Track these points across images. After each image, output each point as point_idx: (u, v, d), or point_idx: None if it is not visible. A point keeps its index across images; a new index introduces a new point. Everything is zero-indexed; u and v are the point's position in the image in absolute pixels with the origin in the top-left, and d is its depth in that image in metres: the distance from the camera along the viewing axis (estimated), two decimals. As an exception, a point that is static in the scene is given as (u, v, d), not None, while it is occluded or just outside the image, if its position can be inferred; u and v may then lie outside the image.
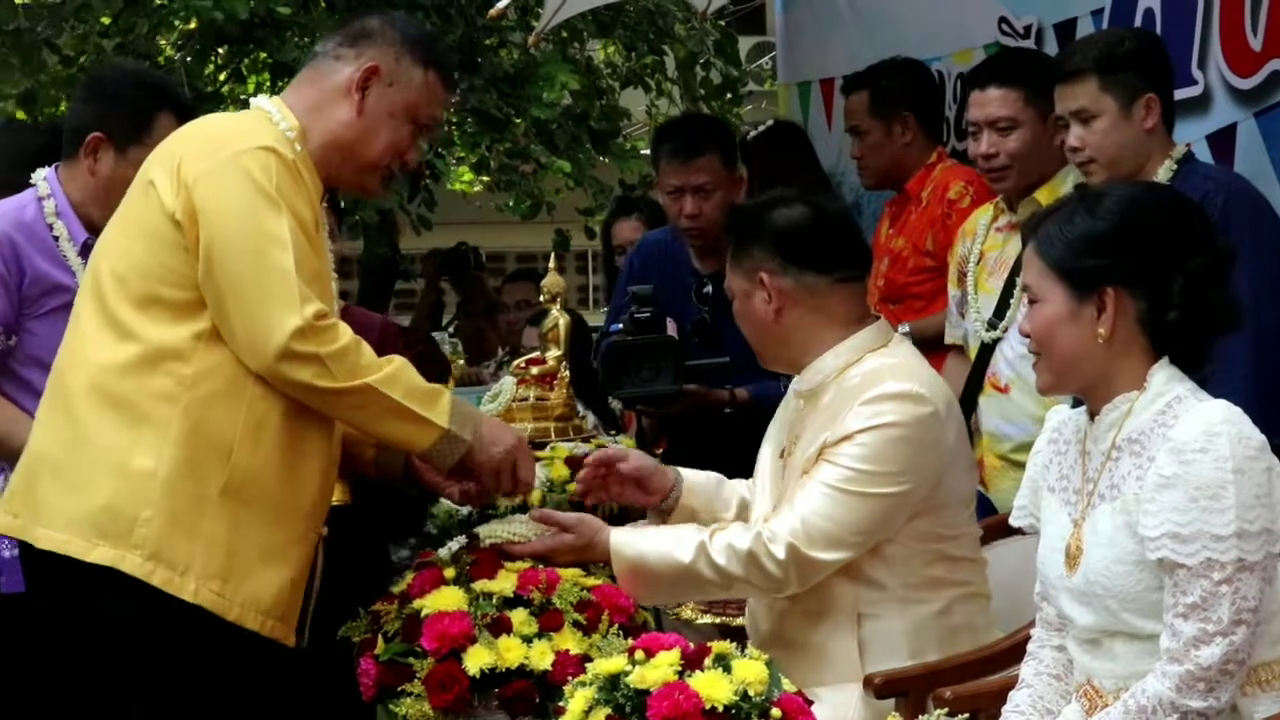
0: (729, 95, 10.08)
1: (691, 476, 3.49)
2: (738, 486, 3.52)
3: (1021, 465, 3.89)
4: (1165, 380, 2.63)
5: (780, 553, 3.11)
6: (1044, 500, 2.80)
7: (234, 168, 2.89)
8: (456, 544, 3.18)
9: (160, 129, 3.56)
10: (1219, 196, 3.59)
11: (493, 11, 6.87)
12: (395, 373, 2.95)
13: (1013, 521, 2.93)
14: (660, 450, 4.70)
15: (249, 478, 2.91)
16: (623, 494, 3.45)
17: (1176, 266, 2.62)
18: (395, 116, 3.11)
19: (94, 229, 3.55)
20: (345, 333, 2.91)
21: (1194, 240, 2.67)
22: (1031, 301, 2.71)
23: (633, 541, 3.17)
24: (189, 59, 8.58)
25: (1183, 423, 2.56)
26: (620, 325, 4.55)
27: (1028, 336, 2.72)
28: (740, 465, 3.57)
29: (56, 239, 3.68)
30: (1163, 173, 3.66)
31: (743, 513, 3.47)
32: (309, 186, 3.00)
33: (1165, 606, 2.54)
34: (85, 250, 3.61)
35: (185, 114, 3.59)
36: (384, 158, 3.13)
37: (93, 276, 3.01)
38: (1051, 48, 4.90)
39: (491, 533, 3.21)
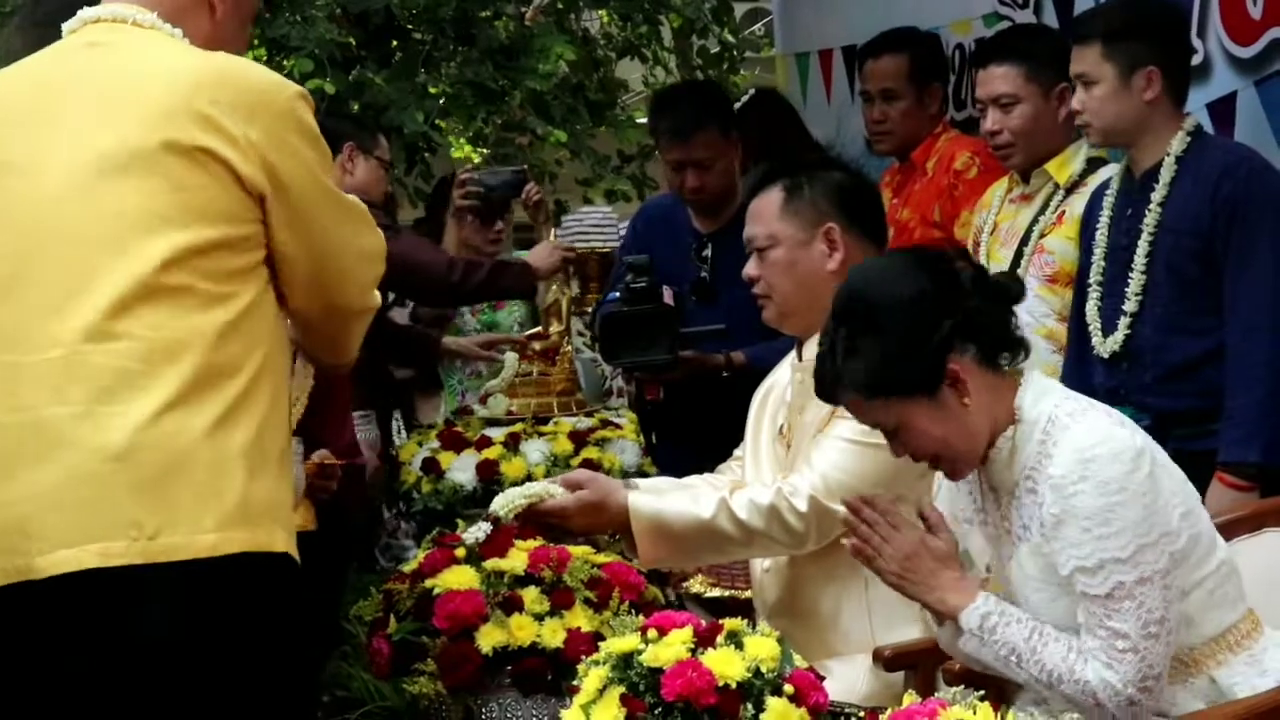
0: (726, 64, 10.07)
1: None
2: (702, 486, 3.49)
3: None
4: (1033, 403, 2.64)
5: (802, 506, 3.15)
6: (961, 530, 2.80)
7: (295, 126, 2.64)
8: (481, 531, 3.17)
9: None
10: (1242, 169, 3.62)
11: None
12: None
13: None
14: (651, 398, 4.72)
15: None
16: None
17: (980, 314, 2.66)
18: (244, 24, 2.85)
19: None
20: None
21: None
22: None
23: (651, 500, 3.19)
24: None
25: (1058, 454, 2.57)
26: (617, 294, 4.58)
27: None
28: (735, 424, 3.60)
29: None
30: (1176, 144, 3.67)
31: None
32: None
33: (1083, 625, 2.58)
34: None
35: None
36: None
37: (126, 259, 2.53)
38: (1050, 16, 4.90)
39: (508, 504, 3.19)
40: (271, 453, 2.59)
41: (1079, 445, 2.54)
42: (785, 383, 3.43)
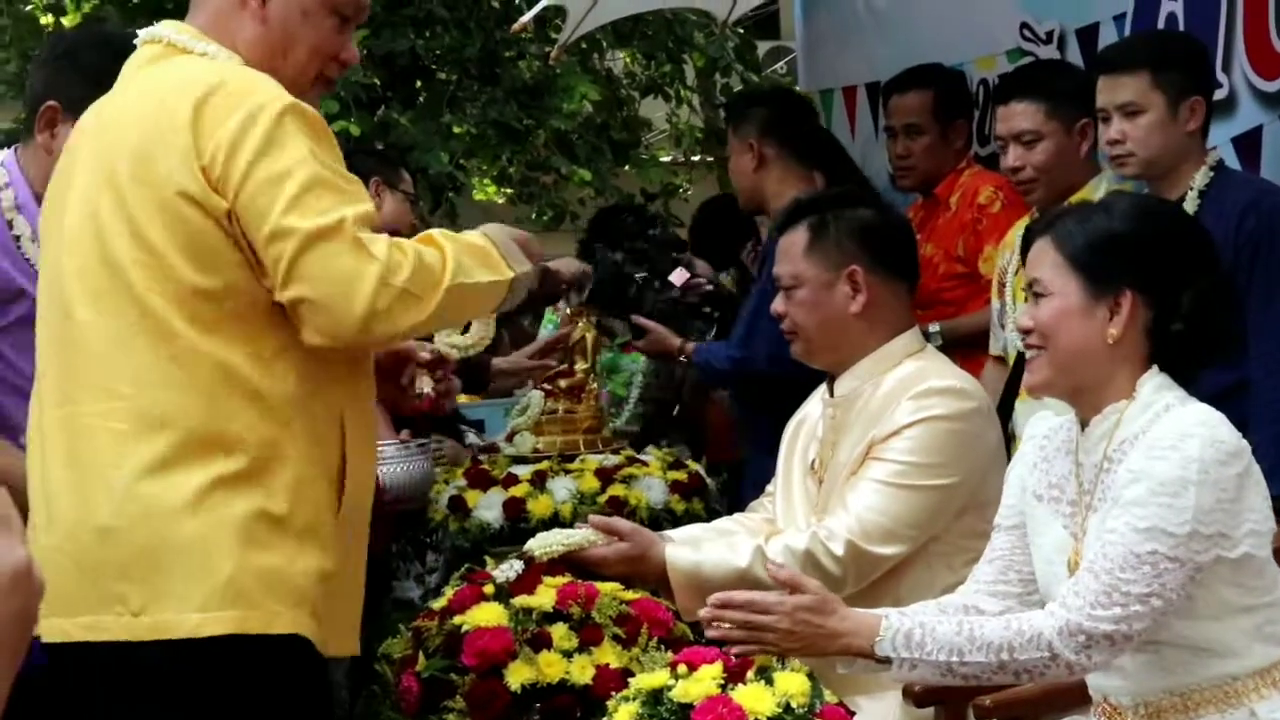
0: (749, 102, 10.07)
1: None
2: (739, 533, 3.46)
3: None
4: (1154, 389, 2.63)
5: (839, 549, 3.16)
6: (1030, 506, 2.78)
7: (248, 144, 2.43)
8: (513, 571, 3.17)
9: None
10: (1265, 203, 3.63)
11: (515, 26, 6.90)
12: (456, 255, 2.56)
13: (1000, 520, 2.87)
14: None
15: (360, 497, 2.63)
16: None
17: (1187, 281, 2.64)
18: (309, 14, 2.62)
19: None
20: (400, 245, 2.50)
21: (1204, 258, 2.69)
22: (1038, 296, 2.67)
23: (688, 553, 3.20)
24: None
25: (1160, 424, 2.56)
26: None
27: (1027, 331, 2.68)
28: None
29: (18, 237, 3.06)
30: (1200, 178, 3.68)
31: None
32: (328, 138, 2.56)
33: (1084, 561, 2.56)
34: None
35: None
36: (310, 67, 2.65)
37: (111, 293, 2.48)
38: (1074, 53, 4.91)
39: (545, 548, 3.20)
40: (294, 525, 2.47)
41: (1183, 421, 2.55)
42: (816, 417, 3.44)
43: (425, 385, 2.99)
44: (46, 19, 8.95)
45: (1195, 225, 2.81)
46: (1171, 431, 2.54)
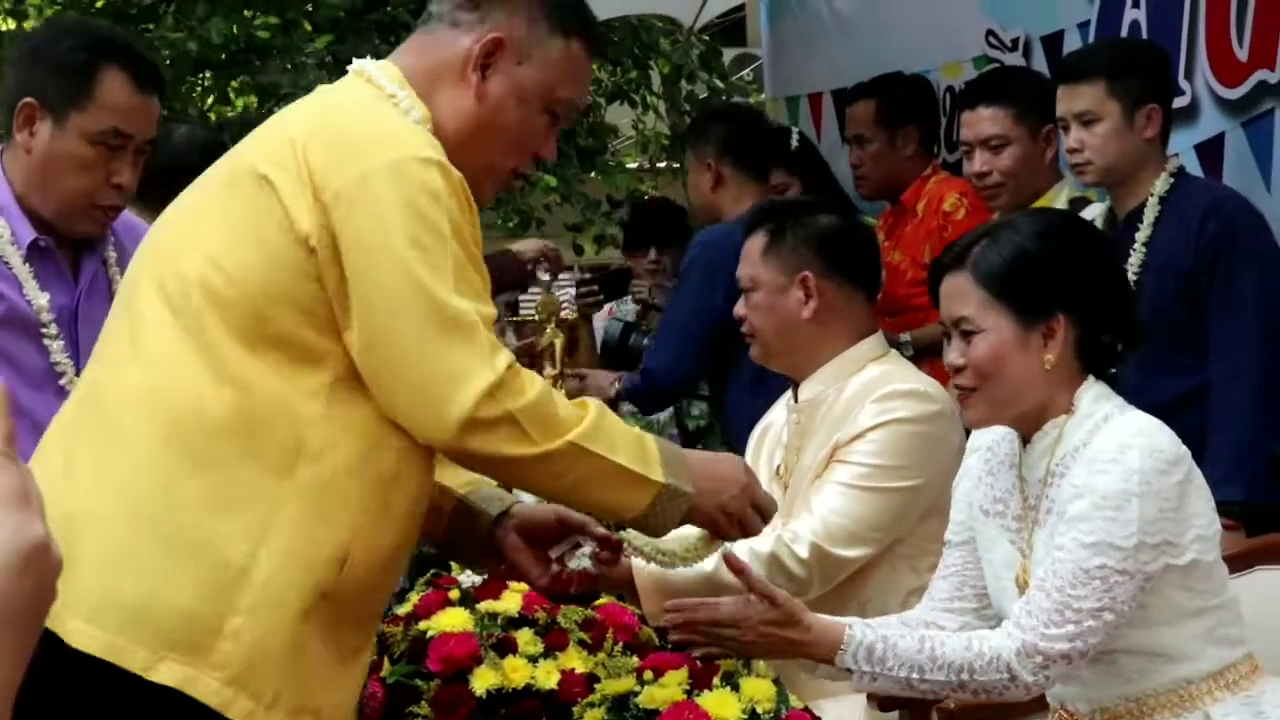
0: (715, 109, 10.09)
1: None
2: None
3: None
4: (1093, 400, 2.63)
5: (804, 552, 3.16)
6: (978, 521, 2.79)
7: (389, 188, 2.21)
8: (469, 581, 3.14)
9: (109, 89, 2.92)
10: (1226, 208, 3.66)
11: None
12: (598, 422, 2.30)
13: (950, 536, 2.86)
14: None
15: (358, 577, 2.27)
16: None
17: (1105, 290, 2.66)
18: (526, 102, 2.40)
19: (42, 224, 2.98)
20: (533, 380, 2.26)
21: (1110, 261, 2.73)
22: (967, 334, 2.62)
23: None
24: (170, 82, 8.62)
25: (1100, 436, 2.57)
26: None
27: (959, 371, 2.64)
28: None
29: None
30: (1160, 184, 3.71)
31: None
32: (472, 209, 2.31)
33: (1034, 579, 2.57)
34: (36, 253, 2.98)
35: (143, 71, 2.95)
36: (508, 157, 2.44)
37: (166, 277, 2.29)
38: (1039, 60, 4.94)
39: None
40: (253, 579, 2.19)
41: (1121, 432, 2.55)
42: (781, 423, 3.46)
43: (584, 558, 2.64)
44: (7, 23, 8.91)
45: (1093, 229, 2.84)
46: (1111, 444, 2.55)
